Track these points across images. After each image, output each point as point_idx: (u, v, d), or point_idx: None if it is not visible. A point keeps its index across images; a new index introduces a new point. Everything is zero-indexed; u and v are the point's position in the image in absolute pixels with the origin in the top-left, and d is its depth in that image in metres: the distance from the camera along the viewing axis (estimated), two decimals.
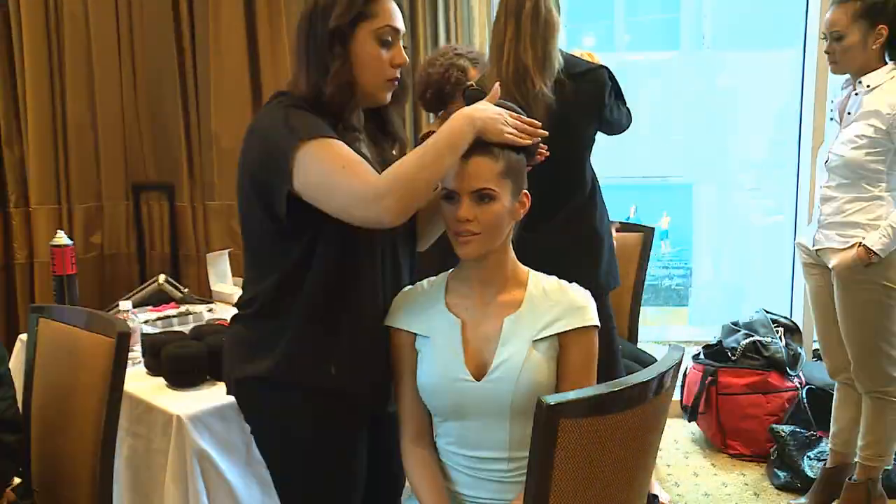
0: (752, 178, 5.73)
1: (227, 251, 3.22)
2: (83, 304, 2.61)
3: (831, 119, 2.74)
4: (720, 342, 3.51)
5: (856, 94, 2.56)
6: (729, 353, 3.40)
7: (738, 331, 3.50)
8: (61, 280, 2.47)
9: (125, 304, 2.37)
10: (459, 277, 1.65)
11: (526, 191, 1.61)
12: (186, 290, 2.96)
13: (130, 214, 3.58)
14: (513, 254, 1.64)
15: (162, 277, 2.91)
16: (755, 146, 5.55)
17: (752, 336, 3.40)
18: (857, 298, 2.58)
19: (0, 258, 3.44)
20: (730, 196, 5.92)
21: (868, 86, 2.52)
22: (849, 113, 2.58)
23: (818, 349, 3.29)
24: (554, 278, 1.65)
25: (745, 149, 5.66)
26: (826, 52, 2.59)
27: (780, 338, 3.42)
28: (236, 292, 2.90)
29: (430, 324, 1.62)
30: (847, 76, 2.63)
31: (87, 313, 1.94)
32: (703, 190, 6.19)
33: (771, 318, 3.51)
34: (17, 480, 1.92)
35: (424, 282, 1.70)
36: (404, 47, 1.63)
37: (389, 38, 1.59)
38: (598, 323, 1.60)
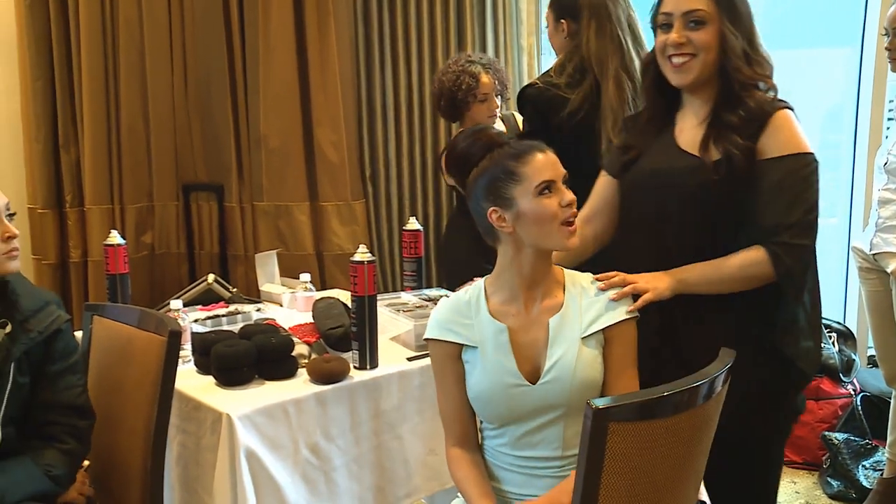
0: None
1: (275, 251, 3.24)
2: (134, 302, 2.65)
3: (891, 119, 2.67)
4: None
5: None
6: None
7: None
8: (114, 279, 2.51)
9: (176, 303, 2.40)
10: (498, 284, 1.64)
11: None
12: (235, 289, 2.99)
13: (180, 214, 3.63)
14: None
15: (211, 277, 2.94)
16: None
17: None
18: None
19: (56, 257, 3.52)
20: None
21: None
22: None
23: (873, 356, 3.21)
24: (587, 274, 1.66)
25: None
26: (887, 48, 2.52)
27: (833, 343, 3.34)
28: (284, 292, 2.93)
29: (477, 333, 1.62)
30: None
31: (140, 312, 1.97)
32: None
33: (824, 323, 3.44)
34: (86, 463, 1.97)
35: (461, 292, 1.70)
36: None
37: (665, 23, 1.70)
38: (636, 313, 1.62)
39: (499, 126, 2.89)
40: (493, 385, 1.58)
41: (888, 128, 3.33)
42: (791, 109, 1.66)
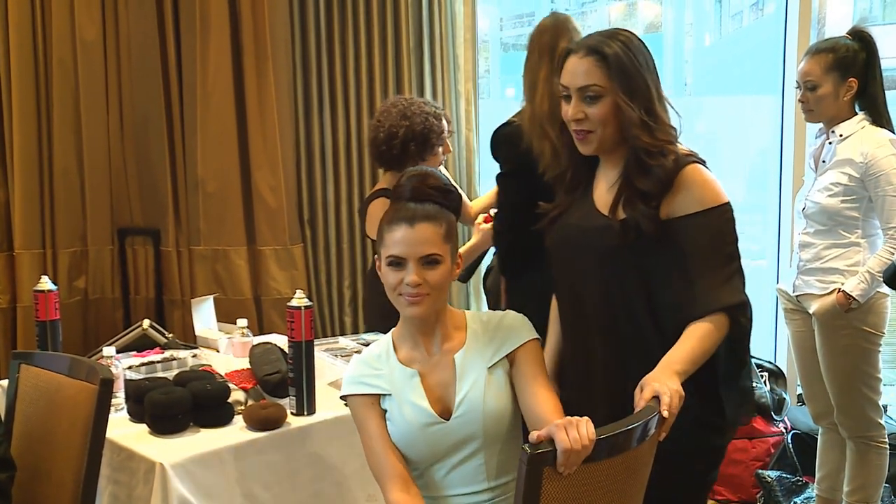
0: None
1: (211, 296, 3.21)
2: (66, 349, 2.59)
3: (808, 164, 2.79)
4: None
5: (829, 143, 2.62)
6: None
7: None
8: (44, 325, 2.46)
9: (108, 350, 2.35)
10: (403, 335, 1.73)
11: (460, 252, 1.72)
12: (171, 335, 2.94)
13: (115, 259, 3.57)
14: (447, 303, 1.73)
15: (146, 322, 2.90)
16: (736, 190, 5.62)
17: None
18: (837, 344, 2.60)
19: None
20: None
21: (841, 135, 2.58)
22: (823, 161, 2.64)
23: (802, 394, 3.31)
24: (491, 312, 1.77)
25: (727, 193, 5.72)
26: (800, 100, 2.66)
27: (765, 382, 3.43)
28: (221, 337, 2.89)
29: (389, 382, 1.68)
30: (821, 125, 2.69)
31: (70, 359, 1.93)
32: None
33: (755, 363, 3.53)
34: None
35: (373, 346, 1.77)
36: None
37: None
38: (536, 335, 1.70)
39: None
40: (412, 427, 1.64)
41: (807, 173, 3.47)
42: (700, 162, 1.69)
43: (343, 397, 1.73)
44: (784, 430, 3.36)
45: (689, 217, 1.64)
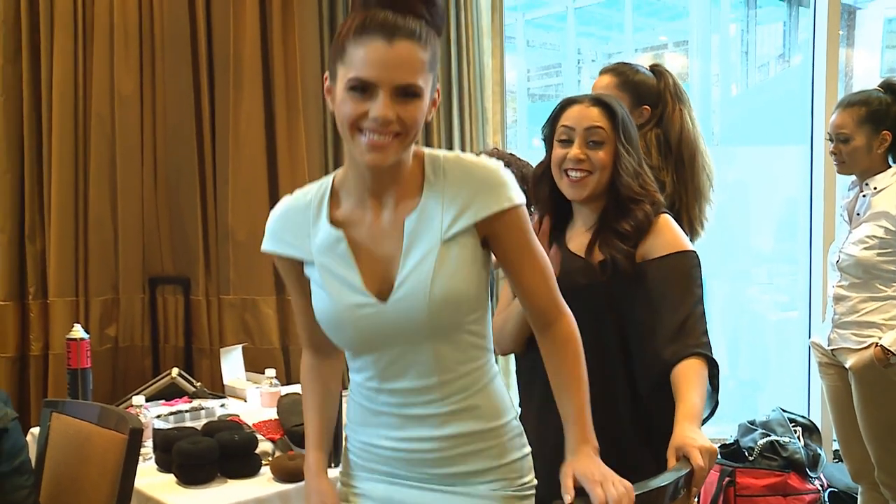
0: (764, 273, 5.72)
1: (240, 346, 3.22)
2: (96, 396, 2.60)
3: (841, 216, 2.77)
4: (737, 441, 3.45)
5: (863, 196, 2.60)
6: (746, 453, 3.34)
7: (755, 430, 3.44)
8: (76, 373, 2.48)
9: (138, 399, 2.36)
10: (348, 188, 1.36)
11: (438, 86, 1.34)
12: (199, 384, 2.96)
13: (146, 307, 3.60)
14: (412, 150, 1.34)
15: (175, 371, 2.91)
16: (766, 241, 5.57)
17: (770, 436, 3.34)
18: (876, 400, 2.55)
19: (15, 350, 3.45)
20: (743, 291, 5.91)
21: (875, 188, 2.56)
22: (858, 214, 2.62)
23: (839, 450, 3.23)
24: (453, 155, 1.36)
25: (756, 243, 5.68)
26: (832, 152, 2.65)
27: (799, 438, 3.36)
28: (249, 387, 2.90)
29: (313, 245, 1.36)
30: (853, 177, 2.67)
31: (100, 408, 1.94)
32: (715, 284, 6.18)
33: (788, 418, 3.46)
34: None
35: (307, 189, 1.42)
36: None
37: None
38: (519, 202, 1.33)
39: None
40: (337, 306, 1.33)
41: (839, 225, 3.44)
42: (670, 214, 1.80)
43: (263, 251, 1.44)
44: (820, 488, 3.27)
45: (661, 259, 1.73)
